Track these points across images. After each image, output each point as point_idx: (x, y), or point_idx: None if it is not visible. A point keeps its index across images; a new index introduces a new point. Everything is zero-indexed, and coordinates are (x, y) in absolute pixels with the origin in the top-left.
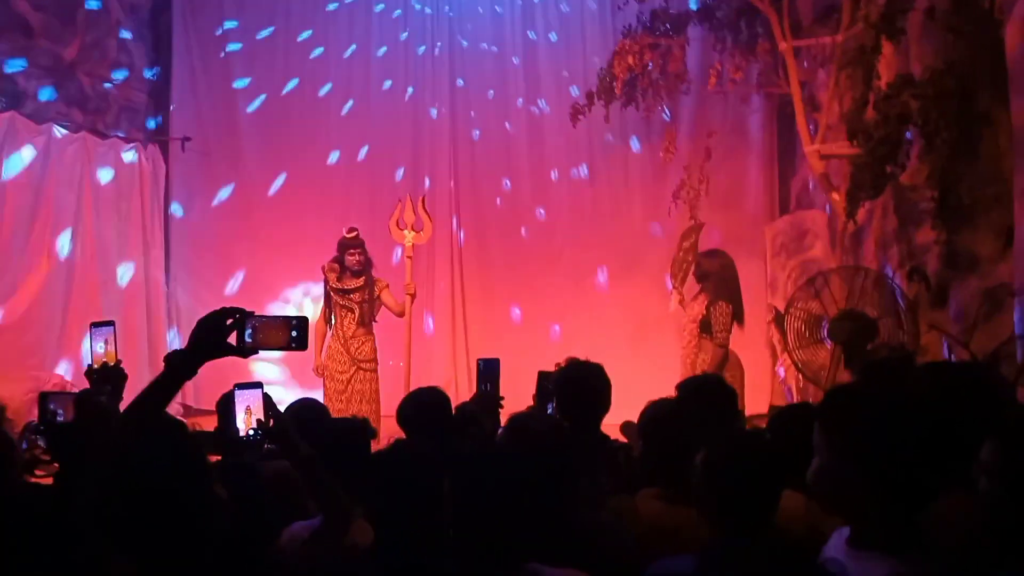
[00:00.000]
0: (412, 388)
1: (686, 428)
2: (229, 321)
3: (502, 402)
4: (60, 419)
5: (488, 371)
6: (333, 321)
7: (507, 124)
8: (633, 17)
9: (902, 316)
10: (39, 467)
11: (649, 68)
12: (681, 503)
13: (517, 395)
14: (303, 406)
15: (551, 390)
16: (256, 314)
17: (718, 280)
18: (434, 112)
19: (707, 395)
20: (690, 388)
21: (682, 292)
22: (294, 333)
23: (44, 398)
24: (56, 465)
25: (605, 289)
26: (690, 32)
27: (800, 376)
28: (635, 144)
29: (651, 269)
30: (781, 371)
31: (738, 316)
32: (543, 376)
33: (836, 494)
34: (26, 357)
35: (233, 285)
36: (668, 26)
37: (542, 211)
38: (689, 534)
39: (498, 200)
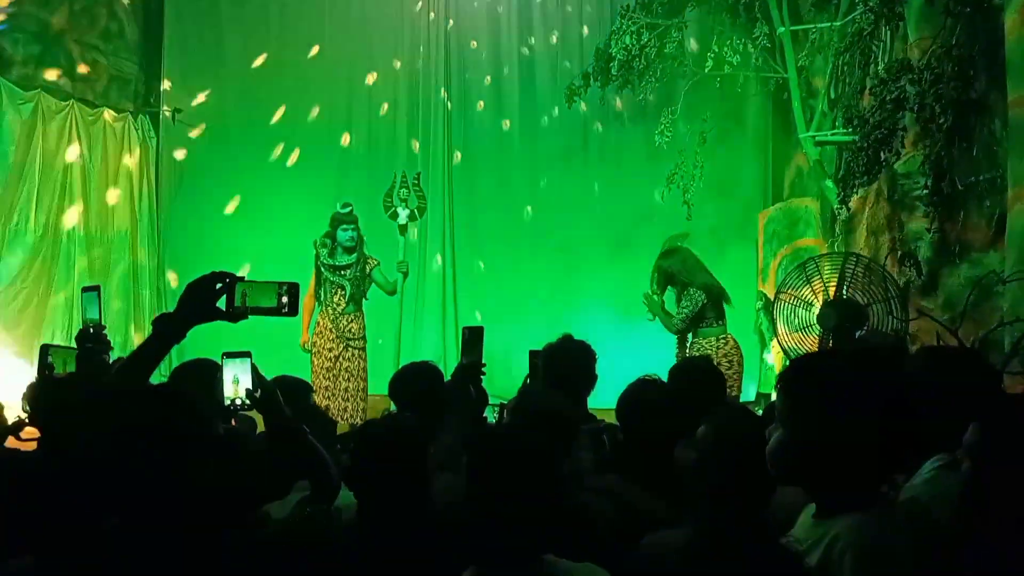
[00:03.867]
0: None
1: (668, 410)
2: (219, 285)
3: (483, 369)
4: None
5: (472, 339)
6: (323, 297)
7: (503, 102)
8: None
9: (892, 303)
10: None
11: (646, 50)
12: (657, 487)
13: (511, 375)
14: (285, 380)
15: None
16: (246, 279)
17: (684, 277)
18: (431, 90)
19: (693, 378)
20: (677, 371)
21: (662, 298)
22: (285, 299)
23: (44, 351)
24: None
25: (599, 269)
26: (688, 14)
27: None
28: (630, 127)
29: (644, 251)
30: (769, 358)
31: (723, 297)
32: (534, 355)
33: (799, 464)
34: (10, 329)
35: (227, 264)
36: (666, 8)
37: (537, 190)
38: (662, 516)
39: (493, 178)
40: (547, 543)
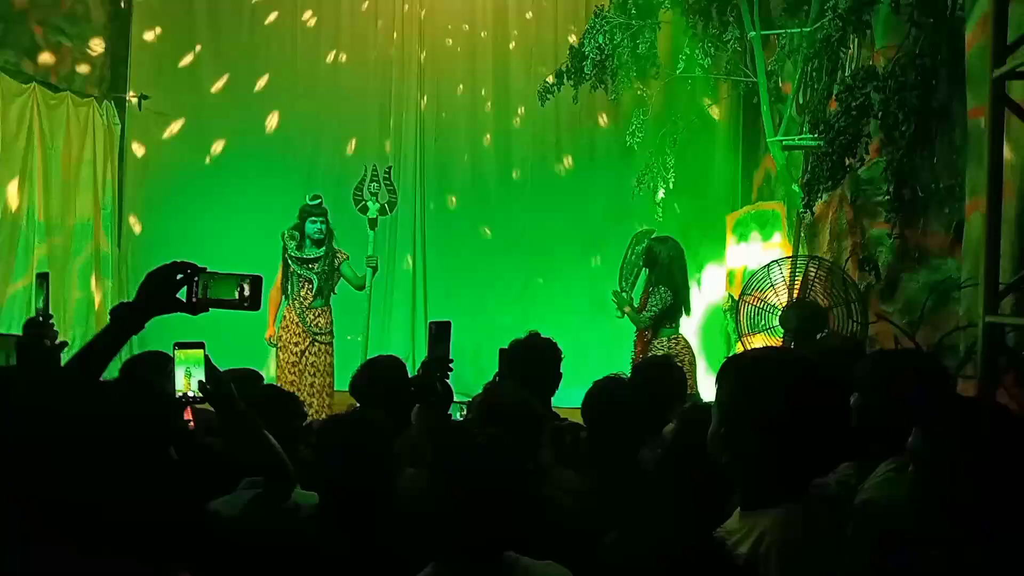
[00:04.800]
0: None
1: (633, 408)
2: (180, 276)
3: (450, 364)
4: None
5: (439, 334)
6: (290, 291)
7: (475, 98)
8: None
9: (852, 306)
10: None
11: (619, 49)
12: (621, 484)
13: (480, 372)
14: (238, 374)
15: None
16: (208, 270)
17: (666, 268)
18: (400, 82)
19: (655, 378)
20: (639, 371)
21: (631, 295)
22: (247, 292)
23: None
24: None
25: (570, 267)
26: (662, 16)
27: None
28: (603, 126)
29: (616, 249)
30: None
31: (685, 305)
32: (504, 353)
33: (726, 455)
34: None
35: (191, 254)
36: (641, 8)
37: (509, 187)
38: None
39: (463, 174)
40: (510, 540)
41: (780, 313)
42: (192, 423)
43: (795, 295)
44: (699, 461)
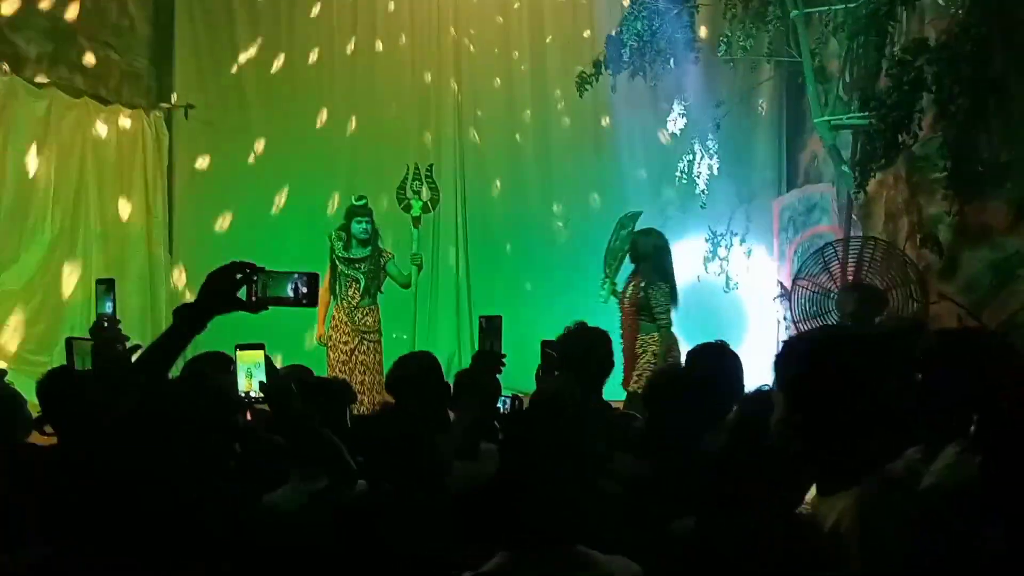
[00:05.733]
0: None
1: (693, 397)
2: (239, 275)
3: (502, 359)
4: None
5: (490, 328)
6: (338, 291)
7: (512, 92)
8: None
9: (912, 287)
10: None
11: (656, 35)
12: (680, 472)
13: (525, 365)
14: (295, 371)
15: (555, 357)
16: (266, 269)
17: (655, 260)
18: (438, 77)
19: (713, 364)
20: (697, 356)
21: (615, 281)
22: (304, 289)
23: (70, 344)
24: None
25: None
26: None
27: None
28: (642, 114)
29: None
30: None
31: (674, 297)
32: (547, 345)
33: (798, 441)
34: (31, 326)
35: (240, 255)
36: None
37: (548, 181)
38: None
39: (505, 169)
40: (578, 532)
41: (836, 297)
42: (252, 422)
43: (850, 278)
44: (763, 447)
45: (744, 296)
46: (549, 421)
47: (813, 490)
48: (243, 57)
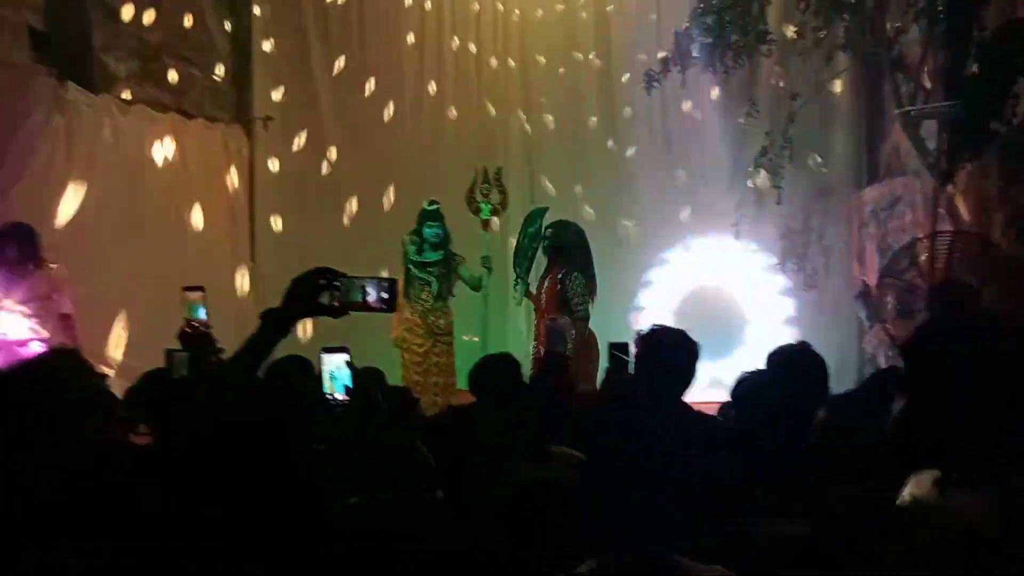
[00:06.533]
0: None
1: (776, 398)
2: (321, 281)
3: (568, 361)
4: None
5: (557, 333)
6: (411, 293)
7: (579, 92)
8: None
9: (1008, 282)
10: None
11: (726, 29)
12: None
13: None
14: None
15: (625, 361)
16: (348, 275)
17: (574, 252)
18: (504, 76)
19: (797, 363)
20: (780, 358)
21: (527, 280)
22: (384, 295)
23: (169, 355)
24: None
25: (686, 260)
26: None
27: (890, 354)
28: (714, 110)
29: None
30: (869, 348)
31: (592, 289)
32: (614, 347)
33: (923, 433)
34: (122, 331)
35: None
36: None
37: (617, 180)
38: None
39: (572, 170)
40: (667, 537)
41: (926, 295)
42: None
43: (940, 274)
44: (853, 445)
45: (823, 295)
46: (624, 423)
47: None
48: (317, 69)
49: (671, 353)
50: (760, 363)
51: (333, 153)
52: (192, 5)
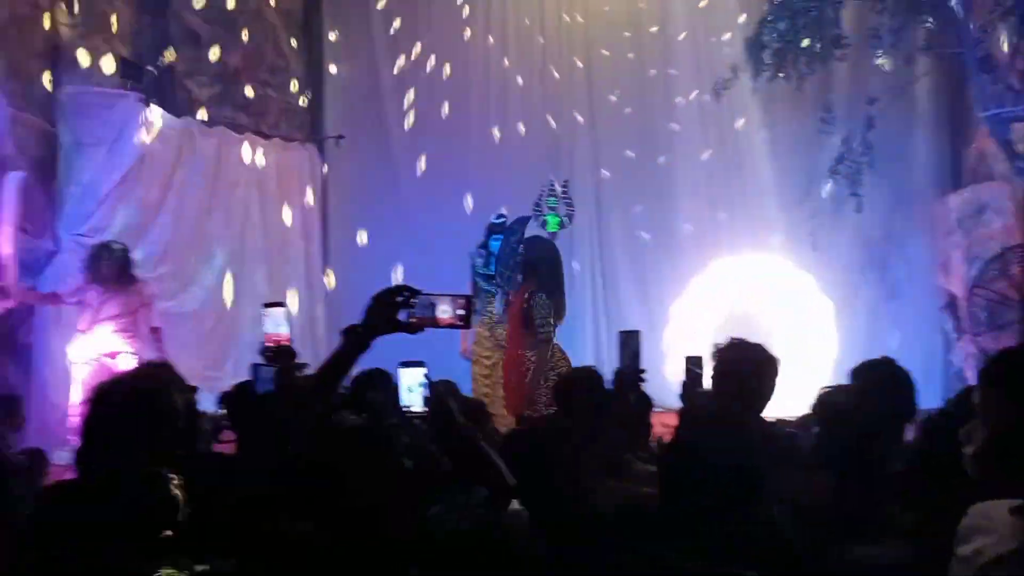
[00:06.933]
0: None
1: (863, 413)
2: (399, 298)
3: (643, 375)
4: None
5: (629, 344)
6: (479, 306)
7: (645, 100)
8: None
9: None
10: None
11: (799, 34)
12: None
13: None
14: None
15: (699, 375)
16: (424, 292)
17: (542, 270)
18: (575, 93)
19: (883, 379)
20: (865, 372)
21: (506, 290)
22: (460, 311)
23: (255, 369)
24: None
25: (757, 270)
26: None
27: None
28: (786, 117)
29: (810, 247)
30: (956, 360)
31: (559, 310)
32: (691, 361)
33: (1008, 459)
34: (204, 344)
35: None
36: None
37: (684, 192)
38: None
39: (641, 180)
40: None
41: (1018, 306)
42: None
43: None
44: (948, 469)
45: (905, 306)
46: (711, 441)
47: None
48: (384, 89)
49: (752, 367)
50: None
51: (405, 168)
52: (268, 30)
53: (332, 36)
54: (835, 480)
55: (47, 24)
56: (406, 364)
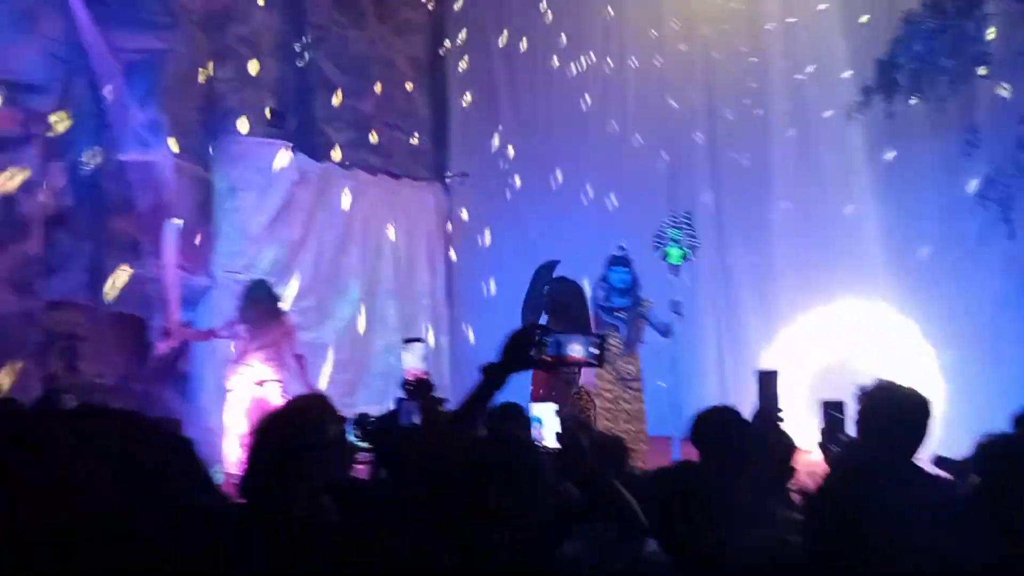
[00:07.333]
0: (679, 408)
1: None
2: (534, 337)
3: (780, 413)
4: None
5: (766, 383)
6: None
7: (769, 125)
8: None
9: None
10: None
11: (937, 53)
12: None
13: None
14: (574, 421)
15: (841, 420)
16: (558, 331)
17: (571, 311)
18: (695, 120)
19: None
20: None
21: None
22: (593, 350)
23: (399, 403)
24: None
25: (900, 304)
26: (989, 7)
27: None
28: (925, 140)
29: (954, 281)
30: None
31: None
32: (830, 406)
33: None
34: (340, 372)
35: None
36: (961, 5)
37: (819, 220)
38: None
39: (765, 211)
40: None
41: None
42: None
43: None
44: None
45: None
46: (864, 489)
47: None
48: (506, 127)
49: (904, 409)
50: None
51: (529, 208)
52: (398, 77)
53: (456, 77)
54: (996, 534)
55: (202, 79)
56: (538, 400)
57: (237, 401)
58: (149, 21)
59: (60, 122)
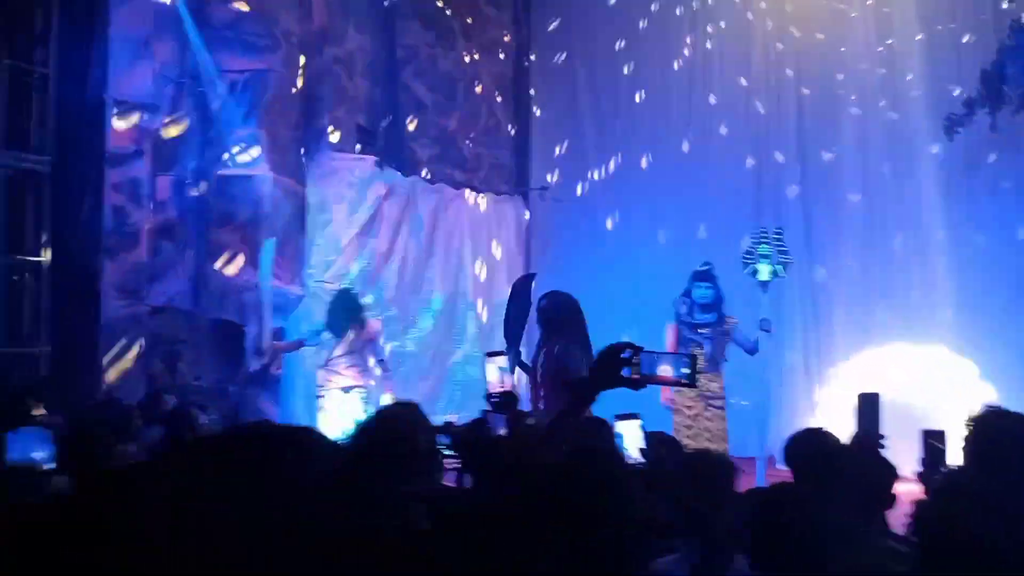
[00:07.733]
0: (769, 428)
1: None
2: (623, 355)
3: (883, 441)
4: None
5: (866, 407)
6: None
7: (864, 140)
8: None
9: None
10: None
11: None
12: None
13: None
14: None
15: (942, 451)
16: (647, 349)
17: (566, 324)
18: (785, 135)
19: None
20: None
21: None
22: (684, 370)
23: (486, 415)
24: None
25: (1002, 327)
26: None
27: None
28: None
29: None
30: None
31: (591, 361)
32: (930, 436)
33: None
34: (421, 379)
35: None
36: None
37: (916, 238)
38: None
39: (860, 227)
40: None
41: None
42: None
43: None
44: None
45: None
46: (975, 520)
47: None
48: (585, 143)
49: (1015, 437)
50: None
51: (610, 215)
52: (482, 95)
53: (539, 94)
54: None
55: (299, 98)
56: (622, 416)
57: (327, 405)
58: (253, 44)
59: (170, 127)
